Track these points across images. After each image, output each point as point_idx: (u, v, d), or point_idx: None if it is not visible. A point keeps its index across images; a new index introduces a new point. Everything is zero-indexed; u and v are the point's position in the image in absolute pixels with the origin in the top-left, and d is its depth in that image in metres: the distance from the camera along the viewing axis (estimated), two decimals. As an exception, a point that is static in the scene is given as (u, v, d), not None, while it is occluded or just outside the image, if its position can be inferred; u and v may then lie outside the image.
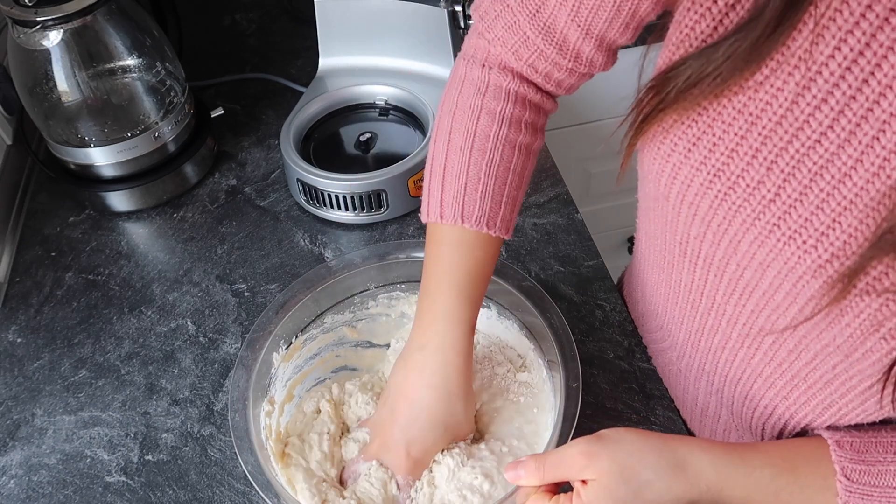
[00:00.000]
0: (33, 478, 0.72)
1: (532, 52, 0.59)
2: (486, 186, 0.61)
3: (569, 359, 0.65)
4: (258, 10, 1.27)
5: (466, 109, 0.62)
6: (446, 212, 0.62)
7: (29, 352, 0.82)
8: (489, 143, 0.61)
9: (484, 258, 0.63)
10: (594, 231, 0.92)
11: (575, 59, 0.59)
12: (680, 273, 0.61)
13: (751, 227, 0.49)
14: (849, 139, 0.43)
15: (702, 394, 0.69)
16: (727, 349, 0.61)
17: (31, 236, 0.94)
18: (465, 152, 0.62)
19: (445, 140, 0.63)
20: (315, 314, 0.74)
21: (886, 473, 0.51)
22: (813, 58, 0.43)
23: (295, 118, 0.95)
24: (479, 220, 0.61)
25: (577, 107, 1.30)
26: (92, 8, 0.83)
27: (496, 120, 0.62)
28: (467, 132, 0.62)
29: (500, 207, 0.62)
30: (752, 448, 0.53)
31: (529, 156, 0.64)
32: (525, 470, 0.54)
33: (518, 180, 0.63)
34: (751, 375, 0.60)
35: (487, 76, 0.62)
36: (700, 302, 0.60)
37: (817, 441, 0.54)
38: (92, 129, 0.91)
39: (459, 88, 0.64)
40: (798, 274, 0.48)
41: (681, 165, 0.52)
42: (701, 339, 0.63)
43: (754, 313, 0.55)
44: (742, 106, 0.47)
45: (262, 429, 0.66)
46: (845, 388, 0.53)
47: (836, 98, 0.43)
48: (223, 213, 0.95)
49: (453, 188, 0.62)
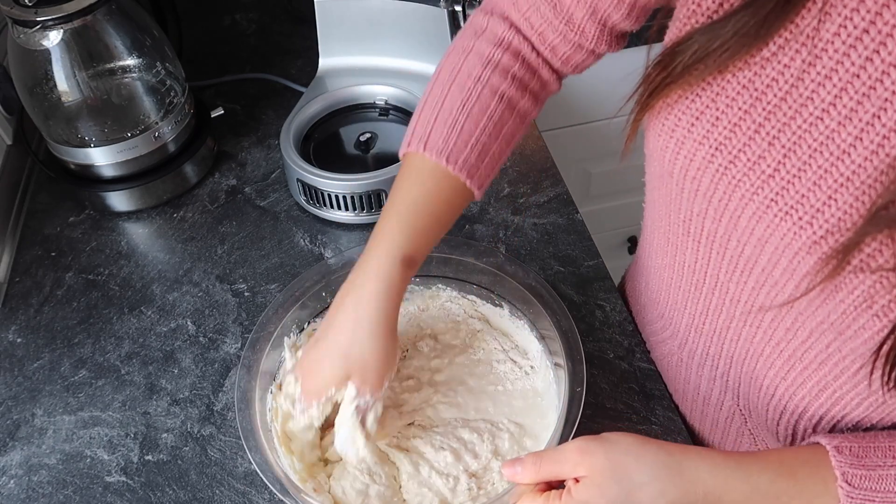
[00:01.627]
0: (33, 478, 0.72)
1: (530, 6, 0.61)
2: (457, 122, 0.60)
3: (576, 362, 0.65)
4: (258, 10, 1.27)
5: (459, 49, 0.64)
6: (414, 140, 0.61)
7: (29, 352, 0.82)
8: (469, 81, 0.62)
9: (435, 192, 0.61)
10: (594, 231, 0.92)
11: (567, 21, 0.60)
12: (684, 254, 0.61)
13: (749, 202, 0.50)
14: (850, 117, 0.44)
15: (705, 381, 0.69)
16: (731, 329, 0.61)
17: (31, 236, 0.94)
18: (444, 86, 0.62)
19: (434, 76, 0.64)
20: (318, 311, 0.74)
21: (887, 478, 0.51)
22: (819, 35, 0.44)
23: (295, 118, 0.95)
24: (440, 152, 0.60)
25: (577, 107, 1.30)
26: (92, 8, 0.83)
27: (482, 61, 0.62)
28: (452, 69, 0.63)
29: (467, 148, 0.60)
30: (750, 455, 0.53)
31: (513, 112, 0.63)
32: (523, 467, 0.54)
33: (494, 130, 0.62)
34: (752, 355, 0.61)
35: (487, 21, 0.64)
36: (704, 282, 0.61)
37: (815, 447, 0.54)
38: (92, 129, 0.91)
39: (462, 32, 0.65)
40: (794, 249, 0.49)
41: (684, 140, 0.52)
42: (705, 321, 0.64)
43: (755, 290, 0.56)
44: (747, 81, 0.48)
45: (267, 410, 0.66)
46: (839, 368, 0.54)
47: (839, 76, 0.44)
48: (223, 213, 0.95)
49: (425, 117, 0.61)
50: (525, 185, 0.95)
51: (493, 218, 0.92)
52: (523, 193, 0.94)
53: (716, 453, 0.53)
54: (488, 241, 0.89)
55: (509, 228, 0.90)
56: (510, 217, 0.92)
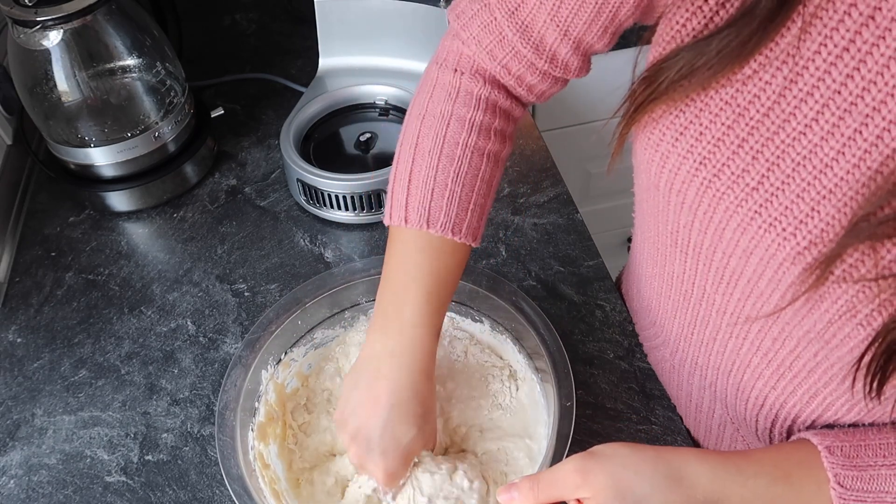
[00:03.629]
0: (33, 478, 0.72)
1: (507, 52, 0.59)
2: (454, 193, 0.60)
3: (562, 377, 0.64)
4: (258, 10, 1.27)
5: (436, 115, 0.62)
6: (411, 216, 0.60)
7: (29, 352, 0.82)
8: (458, 150, 0.61)
9: (452, 264, 0.62)
10: (594, 231, 0.92)
11: (550, 60, 0.59)
12: (672, 264, 0.61)
13: (734, 214, 0.51)
14: (832, 131, 0.45)
15: (695, 389, 0.69)
16: (718, 340, 0.61)
17: (31, 236, 0.94)
18: (433, 158, 0.61)
19: (412, 145, 0.62)
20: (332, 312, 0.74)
21: (878, 478, 0.52)
22: (800, 53, 0.45)
23: (295, 118, 0.95)
24: (444, 226, 0.60)
25: (577, 107, 1.30)
26: (92, 8, 0.83)
27: (466, 127, 0.61)
28: (436, 138, 0.61)
29: (467, 215, 0.61)
30: (745, 456, 0.53)
31: (498, 164, 0.64)
32: (519, 492, 0.53)
33: (486, 188, 0.63)
34: (740, 366, 0.61)
35: (459, 81, 0.62)
36: (692, 293, 0.61)
37: (807, 446, 0.54)
38: (92, 129, 0.91)
39: (430, 93, 0.63)
40: (779, 260, 0.49)
41: (669, 153, 0.53)
42: (693, 331, 0.64)
43: (741, 301, 0.56)
44: (730, 98, 0.49)
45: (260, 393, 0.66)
46: (827, 376, 0.54)
47: (821, 92, 0.45)
48: (223, 213, 0.95)
49: (419, 193, 0.60)
50: (525, 185, 0.95)
51: (493, 218, 0.92)
52: (523, 193, 0.94)
53: (713, 456, 0.53)
54: (488, 241, 0.89)
55: (509, 228, 0.90)
56: (510, 217, 0.92)
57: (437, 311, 0.62)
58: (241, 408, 0.66)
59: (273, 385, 0.70)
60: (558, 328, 0.68)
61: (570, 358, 0.66)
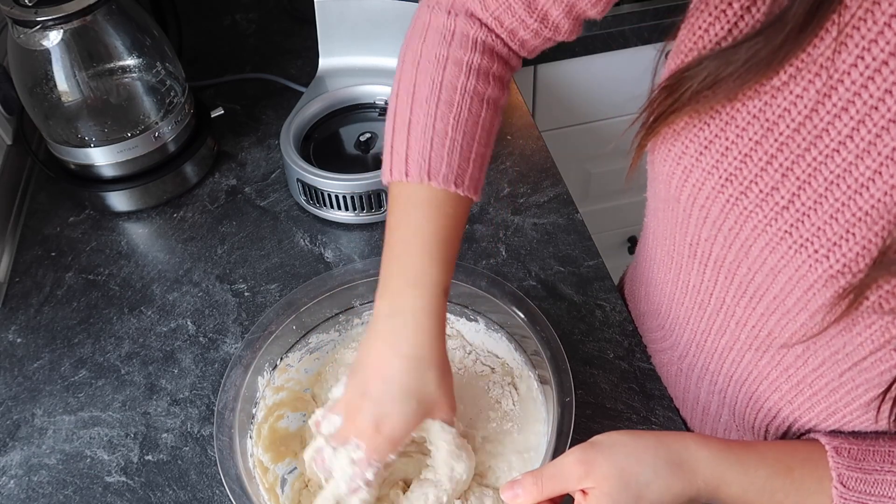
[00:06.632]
0: (33, 478, 0.72)
1: (500, 5, 0.58)
2: (454, 142, 0.57)
3: (562, 372, 0.64)
4: (258, 10, 1.27)
5: (431, 59, 0.59)
6: (412, 169, 0.57)
7: (29, 352, 0.82)
8: (457, 94, 0.58)
9: (454, 218, 0.59)
10: (594, 231, 0.92)
11: (542, 20, 0.58)
12: (689, 274, 0.60)
13: (763, 233, 0.49)
14: (868, 150, 0.43)
15: (703, 394, 0.69)
16: (734, 351, 0.60)
17: (31, 236, 0.94)
18: (431, 105, 0.57)
19: (409, 93, 0.59)
20: (326, 317, 0.74)
21: (883, 483, 0.51)
22: (835, 65, 0.43)
23: (295, 118, 0.95)
24: (446, 178, 0.57)
25: (577, 107, 1.30)
26: (92, 8, 0.83)
27: (463, 70, 0.58)
28: (433, 83, 0.58)
29: (469, 165, 0.58)
30: (747, 447, 0.53)
31: (497, 111, 0.61)
32: (523, 488, 0.52)
33: (486, 136, 0.60)
34: (756, 378, 0.60)
35: (454, 23, 0.59)
36: (708, 303, 0.60)
37: (813, 444, 0.54)
38: (92, 129, 0.91)
39: (423, 36, 0.60)
40: (809, 282, 0.47)
41: (692, 168, 0.51)
42: (707, 339, 0.63)
43: (764, 316, 0.54)
44: (757, 111, 0.47)
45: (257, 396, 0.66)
46: (850, 396, 0.52)
47: (857, 107, 0.42)
48: (223, 213, 0.95)
49: (419, 144, 0.57)
50: (525, 185, 0.95)
51: (493, 218, 0.92)
52: (523, 193, 0.94)
53: (714, 442, 0.52)
54: (488, 241, 0.89)
55: (509, 228, 0.90)
56: (510, 217, 0.92)
57: (443, 269, 0.58)
58: (241, 409, 0.66)
59: (271, 389, 0.70)
60: (558, 328, 0.68)
61: (569, 358, 0.65)
